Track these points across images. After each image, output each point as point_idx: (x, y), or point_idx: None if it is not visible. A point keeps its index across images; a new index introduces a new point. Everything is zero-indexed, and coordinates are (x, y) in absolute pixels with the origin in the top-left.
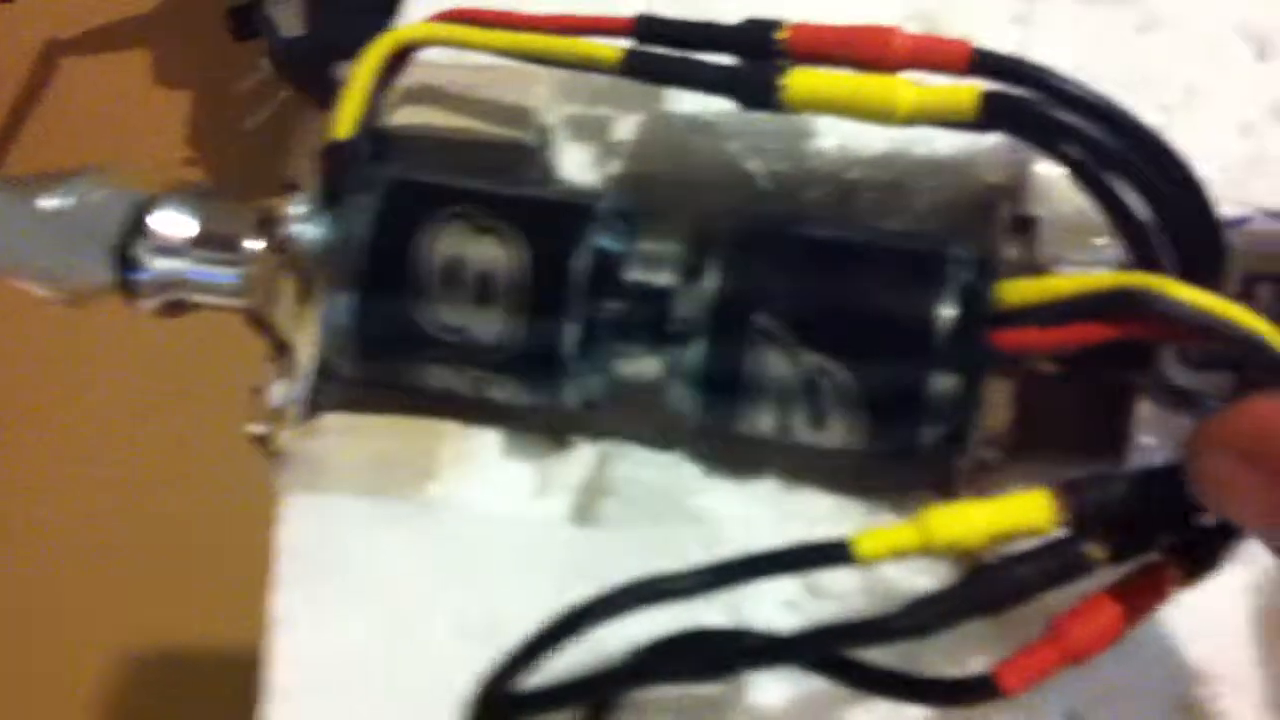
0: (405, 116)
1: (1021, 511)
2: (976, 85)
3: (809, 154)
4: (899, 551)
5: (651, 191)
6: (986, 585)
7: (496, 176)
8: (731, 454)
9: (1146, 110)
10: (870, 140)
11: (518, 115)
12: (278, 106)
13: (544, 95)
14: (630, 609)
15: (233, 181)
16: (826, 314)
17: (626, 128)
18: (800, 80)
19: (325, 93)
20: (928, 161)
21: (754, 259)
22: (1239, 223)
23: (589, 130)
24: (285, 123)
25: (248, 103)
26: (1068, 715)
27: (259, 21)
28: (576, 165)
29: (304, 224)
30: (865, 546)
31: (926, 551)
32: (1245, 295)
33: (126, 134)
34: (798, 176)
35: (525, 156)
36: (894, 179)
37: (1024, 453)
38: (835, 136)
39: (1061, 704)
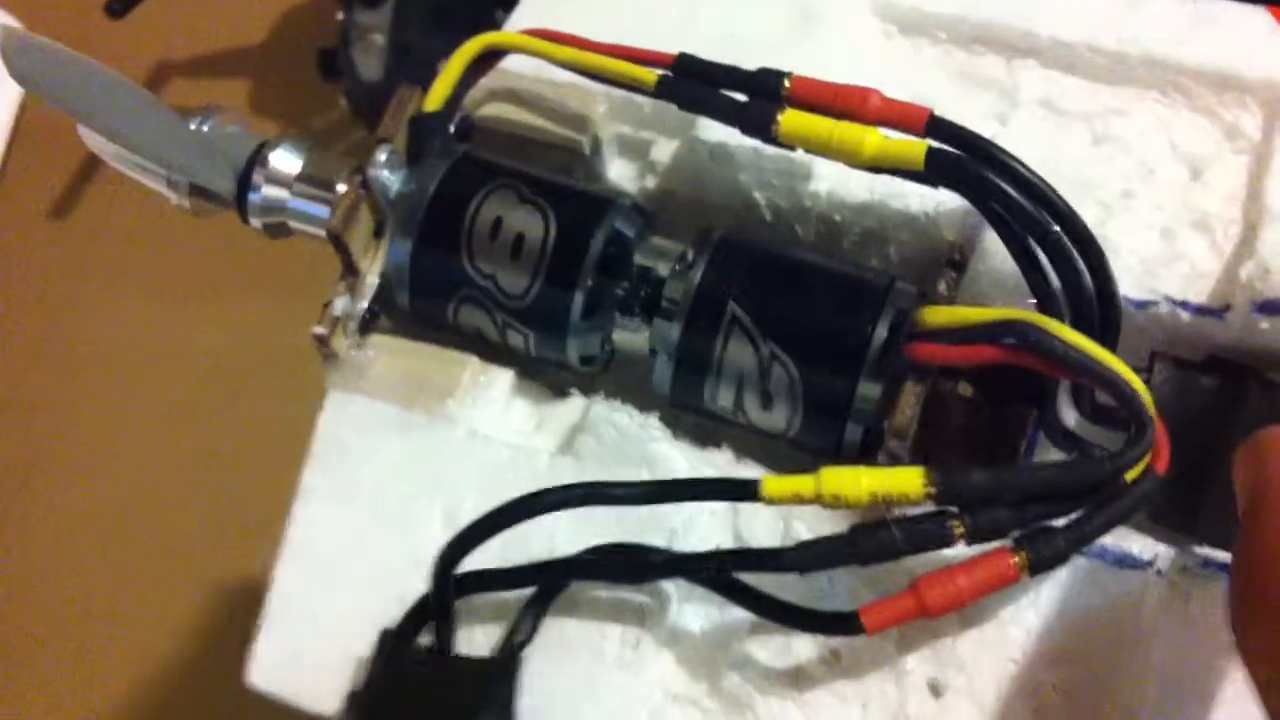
0: (487, 110)
1: (898, 480)
2: (927, 142)
3: (805, 194)
4: (796, 495)
5: (673, 202)
6: (861, 539)
7: (549, 169)
8: (697, 425)
9: (1088, 204)
10: (856, 190)
11: (578, 124)
12: (349, 144)
13: (601, 113)
14: (563, 506)
15: None
16: (787, 317)
17: (663, 150)
18: (791, 119)
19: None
20: (900, 214)
21: (737, 261)
22: (1144, 305)
23: (633, 147)
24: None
25: (324, 137)
26: (930, 682)
27: (343, 62)
28: (619, 174)
29: (386, 171)
30: (770, 487)
31: (818, 499)
32: (1147, 369)
33: None
34: (793, 211)
35: (578, 160)
36: (872, 226)
37: (934, 455)
38: (828, 183)
39: (925, 673)
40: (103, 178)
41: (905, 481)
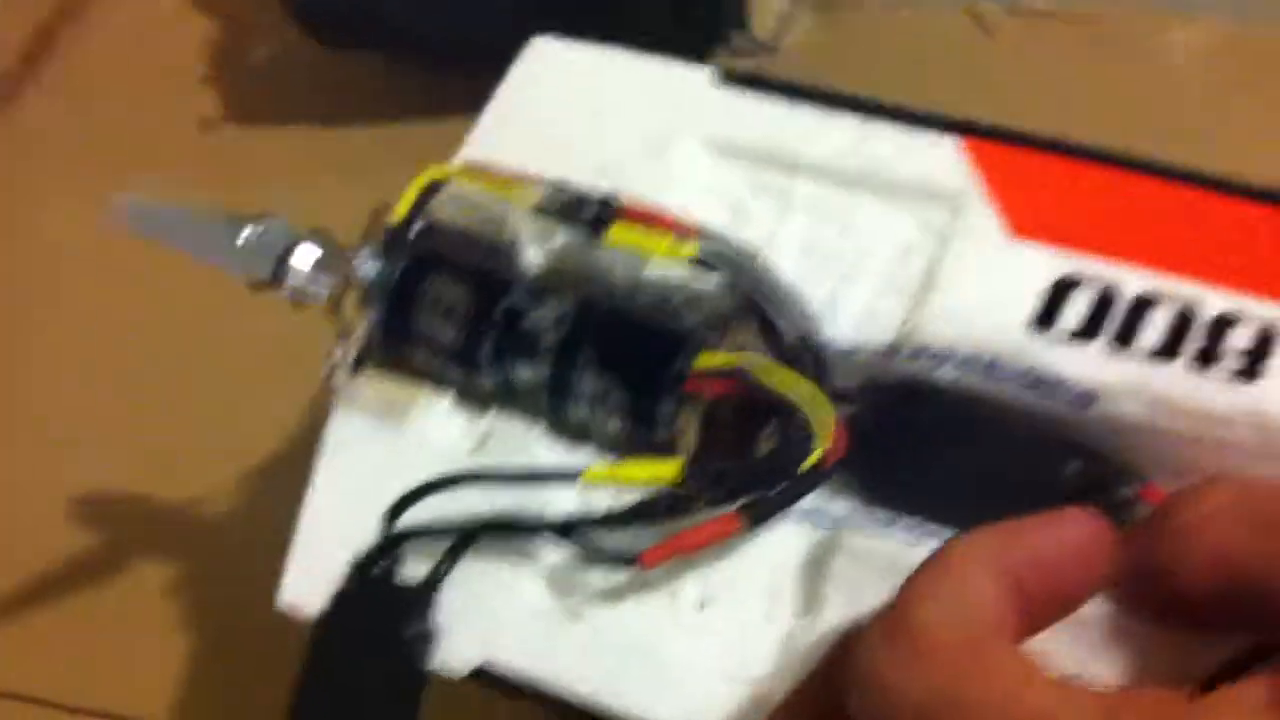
0: (444, 212)
1: (663, 468)
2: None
3: (645, 276)
4: (608, 478)
5: (561, 276)
6: (645, 508)
7: (482, 258)
8: (571, 431)
9: (827, 277)
10: (679, 273)
11: (502, 223)
12: (281, 45)
13: (521, 215)
14: (461, 483)
15: (238, 103)
16: (620, 357)
17: (556, 241)
18: (616, 230)
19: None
20: (698, 292)
21: (590, 321)
22: (848, 351)
23: (541, 238)
24: (289, 58)
25: (258, 36)
26: (701, 597)
27: None
28: (532, 258)
29: (366, 263)
30: (589, 474)
31: (617, 481)
32: (858, 393)
33: (157, 51)
34: (636, 286)
35: (504, 250)
36: (689, 297)
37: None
38: (660, 269)
39: (697, 589)
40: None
41: (666, 470)
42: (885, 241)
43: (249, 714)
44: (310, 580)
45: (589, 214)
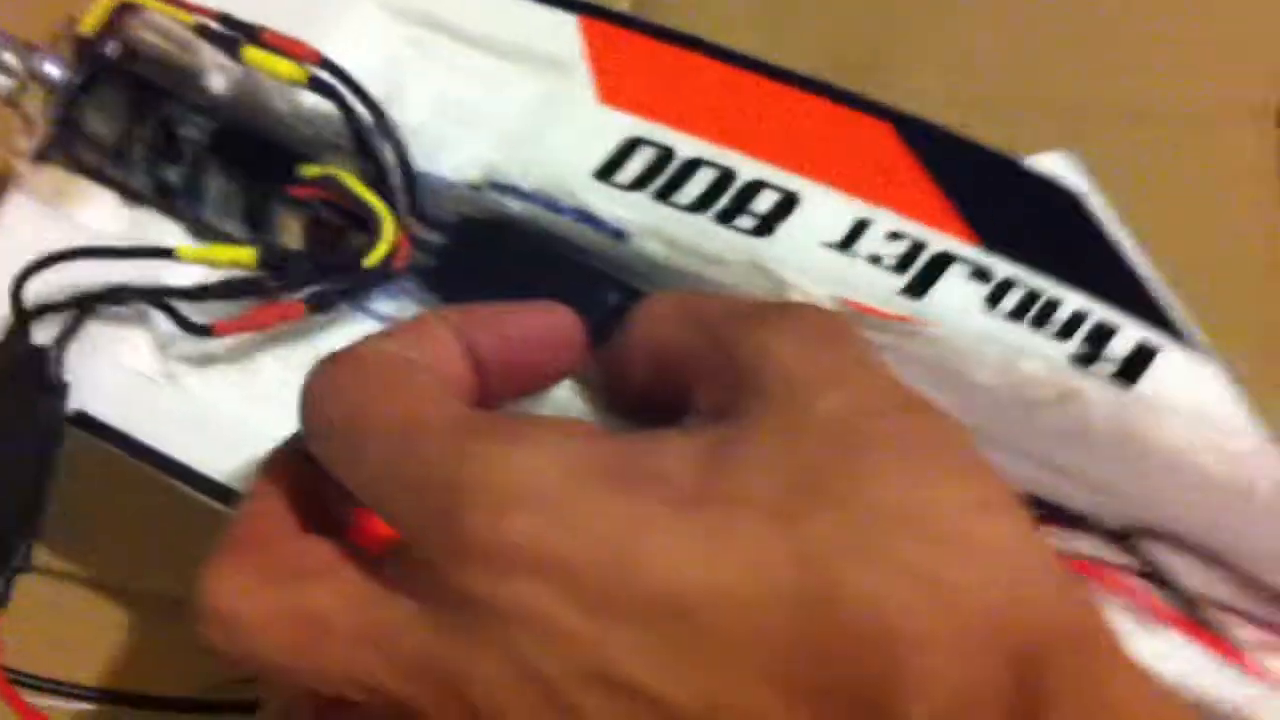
0: (141, 33)
1: (242, 253)
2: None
3: (277, 99)
4: (193, 257)
5: (219, 98)
6: (223, 286)
7: (166, 78)
8: (207, 232)
9: (451, 123)
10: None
11: (189, 48)
12: None
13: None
14: (73, 259)
15: None
16: (240, 165)
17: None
18: (250, 51)
19: None
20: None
21: (224, 136)
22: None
23: (221, 66)
24: None
25: None
26: (281, 376)
27: None
28: (213, 83)
29: (47, 66)
30: (181, 251)
31: (203, 260)
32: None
33: None
34: (266, 107)
35: (189, 73)
36: (308, 119)
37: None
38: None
39: (277, 368)
40: None
41: (246, 254)
42: (506, 97)
43: None
44: None
45: (231, 36)
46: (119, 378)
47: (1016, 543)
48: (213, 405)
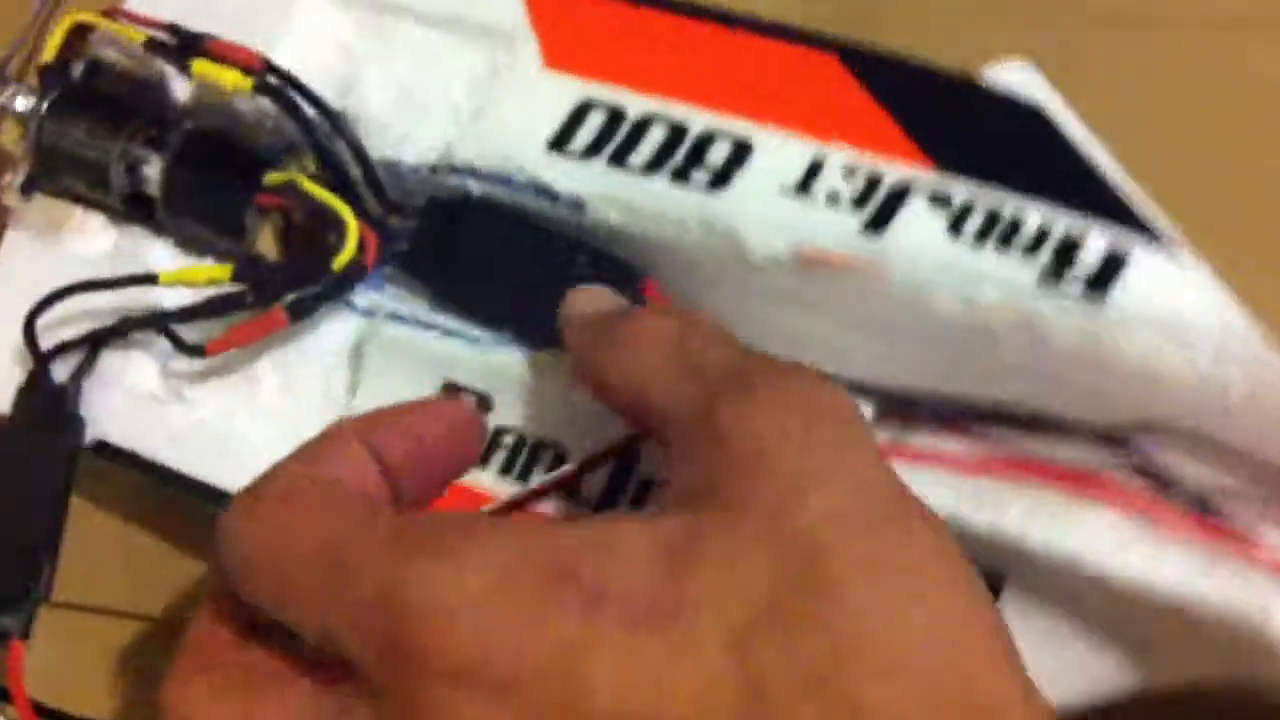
0: (104, 51)
1: (218, 270)
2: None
3: (236, 106)
4: (174, 280)
5: (182, 109)
6: (206, 305)
7: (132, 94)
8: (192, 246)
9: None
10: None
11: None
12: None
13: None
14: (73, 295)
15: None
16: (209, 177)
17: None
18: (198, 64)
19: None
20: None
21: (192, 149)
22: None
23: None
24: None
25: None
26: (280, 383)
27: None
28: (177, 93)
29: (16, 98)
30: (162, 276)
31: (183, 281)
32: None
33: None
34: (230, 116)
35: (154, 87)
36: (269, 126)
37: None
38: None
39: (277, 376)
40: None
41: (221, 271)
42: (455, 72)
43: None
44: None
45: (179, 47)
46: (132, 403)
47: (986, 683)
48: (223, 420)
